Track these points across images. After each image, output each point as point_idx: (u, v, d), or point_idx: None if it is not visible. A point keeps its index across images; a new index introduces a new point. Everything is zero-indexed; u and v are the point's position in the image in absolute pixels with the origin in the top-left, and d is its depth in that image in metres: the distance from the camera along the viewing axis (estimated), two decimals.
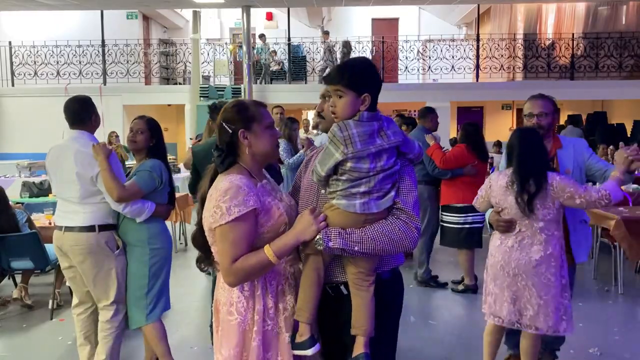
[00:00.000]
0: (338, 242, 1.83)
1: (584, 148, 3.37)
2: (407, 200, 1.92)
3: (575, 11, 15.46)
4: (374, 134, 1.87)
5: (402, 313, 2.16)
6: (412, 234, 1.89)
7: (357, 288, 1.92)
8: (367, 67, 1.95)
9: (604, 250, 6.05)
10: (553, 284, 3.02)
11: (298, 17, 17.05)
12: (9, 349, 4.33)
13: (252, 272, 1.88)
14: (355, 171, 1.84)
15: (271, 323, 1.95)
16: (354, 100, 1.89)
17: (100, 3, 13.03)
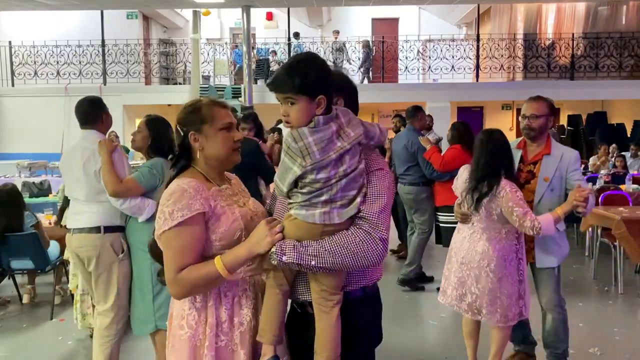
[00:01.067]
0: (293, 256, 1.66)
1: (572, 160, 3.33)
2: (372, 208, 1.71)
3: (575, 11, 15.46)
4: (332, 137, 1.67)
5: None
6: (376, 246, 1.69)
7: (319, 309, 1.75)
8: (317, 65, 1.70)
9: (604, 250, 6.04)
10: (491, 279, 3.22)
11: (298, 17, 17.05)
12: (9, 349, 4.32)
13: (199, 284, 1.72)
14: (316, 182, 1.66)
15: (225, 338, 1.78)
16: (308, 106, 1.67)
17: (100, 3, 13.03)
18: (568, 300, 5.17)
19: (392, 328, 4.58)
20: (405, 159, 5.58)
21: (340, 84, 1.89)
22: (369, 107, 16.38)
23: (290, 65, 1.71)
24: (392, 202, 1.81)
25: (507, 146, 3.29)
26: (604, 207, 5.97)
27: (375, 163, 1.79)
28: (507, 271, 3.23)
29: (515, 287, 3.26)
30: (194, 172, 1.85)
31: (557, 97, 14.64)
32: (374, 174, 1.76)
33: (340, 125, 1.71)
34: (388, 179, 1.79)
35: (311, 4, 13.67)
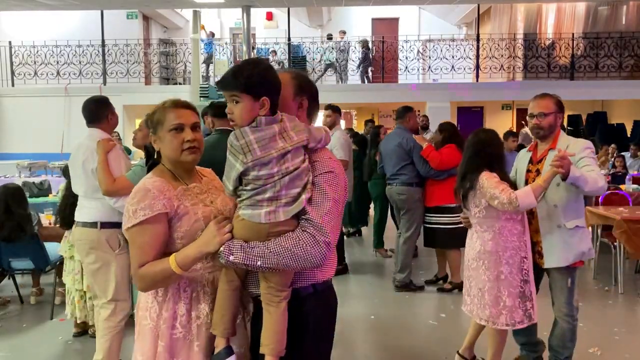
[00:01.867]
0: (240, 256, 1.72)
1: (579, 149, 3.13)
2: (317, 211, 1.75)
3: (575, 11, 15.46)
4: (274, 138, 1.74)
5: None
6: (320, 249, 1.73)
7: (267, 304, 1.81)
8: (264, 69, 1.79)
9: (604, 250, 6.04)
10: (488, 278, 3.22)
11: (298, 17, 17.05)
12: (9, 349, 4.32)
13: (157, 279, 1.82)
14: (259, 179, 1.72)
15: (183, 330, 1.88)
16: (251, 105, 1.75)
17: (100, 3, 13.03)
18: None
19: (392, 328, 4.58)
20: (399, 157, 5.47)
21: (306, 86, 1.95)
22: (369, 107, 16.39)
23: (237, 66, 1.81)
24: (343, 204, 1.85)
25: (492, 143, 3.34)
26: (604, 207, 5.97)
27: (325, 165, 1.83)
28: (505, 269, 3.19)
29: (517, 287, 3.19)
30: (162, 170, 1.94)
31: None
32: (322, 177, 1.80)
33: (285, 128, 1.77)
34: (339, 181, 1.83)
35: (311, 4, 13.67)
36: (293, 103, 1.90)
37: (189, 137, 1.90)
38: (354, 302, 5.32)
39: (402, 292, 5.44)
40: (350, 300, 5.40)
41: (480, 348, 3.86)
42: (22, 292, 5.35)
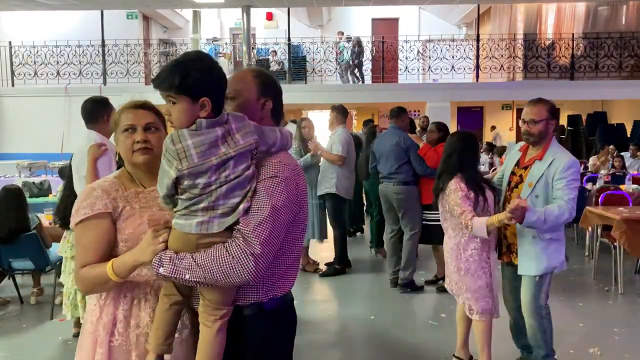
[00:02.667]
0: (168, 269, 1.60)
1: (561, 167, 3.15)
2: (249, 221, 1.61)
3: (575, 11, 15.46)
4: (216, 142, 1.60)
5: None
6: (247, 262, 1.58)
7: (202, 321, 1.68)
8: (203, 66, 1.63)
9: (604, 250, 6.04)
10: (456, 272, 3.48)
11: (298, 17, 17.05)
12: (9, 349, 4.32)
13: (95, 283, 1.75)
14: (194, 187, 1.60)
15: (120, 338, 1.78)
16: (189, 107, 1.60)
17: (100, 3, 13.03)
18: (568, 300, 5.20)
19: (392, 328, 4.58)
20: (396, 157, 5.44)
21: (270, 85, 1.86)
22: (369, 107, 16.39)
23: (174, 63, 1.64)
24: (288, 211, 1.69)
25: (465, 148, 3.49)
26: (604, 207, 5.97)
27: (270, 170, 1.70)
28: (465, 266, 3.42)
29: (477, 282, 3.41)
30: (122, 172, 1.91)
31: (557, 97, 14.63)
32: (264, 183, 1.67)
33: (230, 131, 1.64)
34: (283, 187, 1.68)
35: (311, 4, 13.67)
36: (256, 104, 1.81)
37: (139, 138, 1.82)
38: (354, 302, 5.32)
39: (403, 291, 5.43)
40: (350, 301, 5.40)
41: (475, 346, 3.86)
42: (22, 292, 5.35)
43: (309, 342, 4.33)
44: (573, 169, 3.18)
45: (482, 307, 3.43)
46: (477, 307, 3.45)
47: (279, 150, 1.76)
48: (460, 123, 16.38)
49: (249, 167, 1.65)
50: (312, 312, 5.00)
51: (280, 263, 1.75)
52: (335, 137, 6.08)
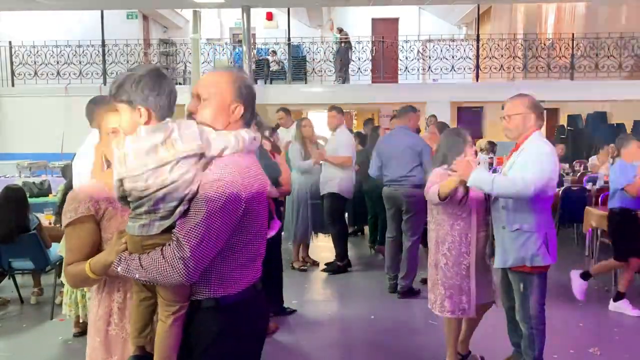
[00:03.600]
0: (123, 267, 1.72)
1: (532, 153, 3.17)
2: (183, 224, 1.67)
3: (575, 11, 15.45)
4: (155, 148, 1.68)
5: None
6: (177, 265, 1.64)
7: (159, 315, 1.78)
8: (137, 76, 1.73)
9: (604, 250, 6.04)
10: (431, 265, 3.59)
11: (298, 17, 17.05)
12: (9, 349, 4.33)
13: (78, 279, 1.91)
14: (135, 190, 1.69)
15: (116, 328, 1.96)
16: (129, 115, 1.73)
17: (100, 3, 13.02)
18: (568, 300, 5.19)
19: (392, 328, 4.58)
20: (410, 159, 5.26)
21: (245, 91, 1.88)
22: (369, 107, 16.38)
23: (120, 75, 1.77)
24: (227, 214, 1.70)
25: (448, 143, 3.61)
26: (603, 207, 5.97)
27: (213, 173, 1.72)
28: (442, 260, 3.45)
29: (451, 279, 3.43)
30: (108, 172, 1.96)
31: (557, 97, 14.69)
32: (205, 186, 1.70)
33: (172, 137, 1.71)
34: (224, 190, 1.69)
35: (311, 4, 13.67)
36: (228, 109, 1.84)
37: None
38: (354, 301, 5.32)
39: (402, 297, 5.30)
40: (350, 300, 5.40)
41: (478, 346, 3.87)
42: (22, 292, 5.35)
43: (309, 342, 4.34)
44: (542, 157, 3.13)
45: (452, 304, 3.45)
46: (449, 304, 3.45)
47: (233, 153, 1.79)
48: (460, 123, 16.37)
49: (188, 171, 1.70)
50: (312, 312, 5.00)
51: (232, 262, 1.79)
52: (340, 139, 6.08)
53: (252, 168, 1.82)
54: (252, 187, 1.77)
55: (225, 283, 1.79)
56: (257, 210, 1.81)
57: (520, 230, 3.19)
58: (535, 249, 3.17)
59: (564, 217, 6.85)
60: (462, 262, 3.42)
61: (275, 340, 4.34)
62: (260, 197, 1.82)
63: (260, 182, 1.83)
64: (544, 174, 3.09)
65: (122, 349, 1.95)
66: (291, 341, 4.35)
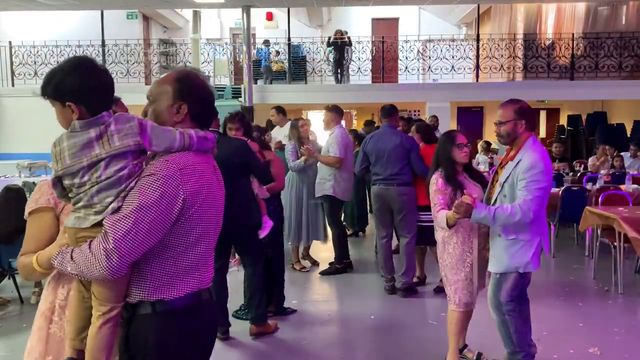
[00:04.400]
0: (59, 260, 1.70)
1: (524, 168, 3.21)
2: (112, 216, 1.65)
3: (575, 11, 15.45)
4: (89, 144, 1.67)
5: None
6: (100, 256, 1.62)
7: (93, 315, 1.74)
8: (62, 74, 1.72)
9: (604, 250, 6.04)
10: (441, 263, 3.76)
11: (298, 17, 17.05)
12: (9, 349, 4.33)
13: (27, 270, 1.90)
14: (72, 186, 1.71)
15: (55, 326, 1.93)
16: (61, 110, 1.74)
17: (100, 3, 13.03)
18: (568, 300, 5.21)
19: (392, 328, 4.58)
20: (401, 157, 5.28)
21: (187, 91, 1.85)
22: (369, 107, 16.38)
23: (47, 72, 1.78)
24: (151, 209, 1.66)
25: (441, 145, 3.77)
26: (604, 207, 5.97)
27: (150, 168, 1.72)
28: (447, 257, 3.65)
29: (455, 275, 3.62)
30: None
31: (557, 97, 14.71)
32: (140, 181, 1.70)
33: (107, 132, 1.69)
34: (158, 186, 1.67)
35: (311, 4, 13.67)
36: (171, 108, 1.83)
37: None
38: (354, 301, 5.32)
39: (404, 295, 5.29)
40: (350, 300, 5.40)
41: (475, 343, 3.87)
42: (22, 292, 5.35)
43: (309, 342, 4.34)
44: (535, 170, 3.19)
45: (459, 298, 3.63)
46: (455, 297, 3.64)
47: (179, 150, 1.76)
48: (460, 123, 16.38)
49: (124, 167, 1.68)
50: (312, 311, 5.00)
51: (171, 265, 1.74)
52: (332, 139, 6.02)
53: (198, 167, 1.77)
54: (193, 186, 1.73)
55: (163, 287, 1.74)
56: (201, 213, 1.76)
57: (516, 239, 3.30)
58: (529, 256, 3.29)
59: (564, 217, 6.84)
60: (466, 259, 3.62)
61: (276, 339, 4.34)
62: (206, 198, 1.77)
63: (207, 183, 1.79)
64: (540, 194, 3.19)
65: (57, 349, 1.91)
66: (291, 341, 4.36)
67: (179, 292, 1.75)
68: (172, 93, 1.83)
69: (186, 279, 1.77)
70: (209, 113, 1.92)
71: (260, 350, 4.17)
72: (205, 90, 1.90)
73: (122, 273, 1.67)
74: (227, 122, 4.52)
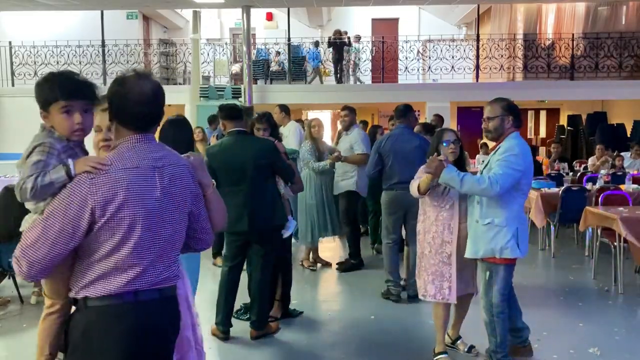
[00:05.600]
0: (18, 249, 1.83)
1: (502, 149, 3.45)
2: (28, 226, 1.91)
3: (575, 11, 15.45)
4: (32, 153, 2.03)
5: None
6: (15, 261, 1.82)
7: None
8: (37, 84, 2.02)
9: (604, 250, 6.04)
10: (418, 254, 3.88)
11: (298, 17, 17.05)
12: (9, 349, 4.33)
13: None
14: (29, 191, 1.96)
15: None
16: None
17: (100, 3, 13.02)
18: (568, 300, 5.21)
19: (392, 328, 4.58)
20: (419, 159, 4.73)
21: (110, 98, 1.93)
22: (369, 107, 16.38)
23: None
24: (55, 217, 1.78)
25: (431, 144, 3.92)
26: (604, 207, 5.97)
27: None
28: (426, 248, 3.73)
29: (433, 266, 3.69)
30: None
31: (557, 97, 14.70)
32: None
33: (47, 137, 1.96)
34: (62, 196, 1.81)
35: (311, 4, 13.66)
36: (111, 127, 1.99)
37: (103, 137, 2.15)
38: (354, 301, 5.32)
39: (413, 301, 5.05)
40: (350, 300, 5.40)
41: (471, 336, 3.87)
42: (22, 292, 5.34)
43: (309, 342, 4.34)
44: (510, 152, 3.39)
45: (435, 289, 3.69)
46: (431, 289, 3.71)
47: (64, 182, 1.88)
48: (460, 123, 16.37)
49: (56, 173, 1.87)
50: (312, 311, 5.00)
51: (94, 266, 1.83)
52: (355, 137, 6.09)
53: (117, 175, 1.81)
54: (103, 195, 1.78)
55: (88, 285, 1.83)
56: (118, 220, 1.80)
57: (491, 224, 3.43)
58: (504, 242, 3.40)
59: (564, 217, 6.84)
60: (445, 250, 3.68)
61: (276, 339, 4.34)
62: (125, 205, 1.81)
63: (126, 189, 1.81)
64: (510, 172, 3.34)
65: None
66: (291, 341, 4.36)
67: (103, 291, 1.82)
68: (108, 111, 1.94)
69: (110, 280, 1.82)
70: (123, 121, 1.91)
71: (260, 350, 4.17)
72: (114, 98, 1.91)
73: (38, 277, 1.81)
74: (256, 122, 4.55)
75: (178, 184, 1.92)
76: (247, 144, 4.12)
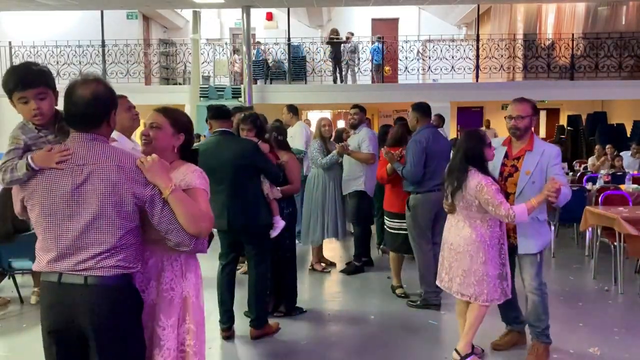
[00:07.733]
0: None
1: (553, 155, 3.66)
2: None
3: (575, 11, 15.46)
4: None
5: None
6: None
7: None
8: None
9: (604, 250, 6.04)
10: (475, 262, 3.59)
11: (298, 17, 17.05)
12: (9, 349, 4.33)
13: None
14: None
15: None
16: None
17: (100, 3, 13.02)
18: (568, 300, 5.21)
19: (392, 328, 4.58)
20: (447, 160, 4.48)
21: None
22: (369, 108, 16.37)
23: None
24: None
25: (471, 144, 3.60)
26: (604, 207, 5.97)
27: None
28: (489, 255, 3.59)
29: (497, 269, 3.61)
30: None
31: (557, 97, 14.70)
32: None
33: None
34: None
35: (311, 4, 13.67)
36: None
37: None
38: (354, 301, 5.32)
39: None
40: (350, 300, 5.40)
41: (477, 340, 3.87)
42: (22, 292, 5.35)
43: (309, 341, 4.34)
44: (560, 157, 3.72)
45: (491, 295, 3.62)
46: (486, 294, 3.61)
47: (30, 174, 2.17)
48: (460, 123, 16.38)
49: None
50: (312, 311, 5.00)
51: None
52: (362, 136, 6.10)
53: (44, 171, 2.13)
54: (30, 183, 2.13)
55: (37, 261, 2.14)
56: (32, 205, 2.13)
57: (544, 220, 3.72)
58: (550, 234, 3.81)
59: (564, 217, 6.84)
60: (502, 252, 3.68)
61: (276, 339, 4.34)
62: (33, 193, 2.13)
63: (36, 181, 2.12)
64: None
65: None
66: (291, 341, 4.35)
67: (37, 267, 2.13)
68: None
69: (40, 258, 2.12)
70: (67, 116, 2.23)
71: (260, 350, 4.17)
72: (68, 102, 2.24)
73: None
74: (241, 123, 4.54)
75: (97, 183, 2.07)
76: (228, 144, 4.11)
